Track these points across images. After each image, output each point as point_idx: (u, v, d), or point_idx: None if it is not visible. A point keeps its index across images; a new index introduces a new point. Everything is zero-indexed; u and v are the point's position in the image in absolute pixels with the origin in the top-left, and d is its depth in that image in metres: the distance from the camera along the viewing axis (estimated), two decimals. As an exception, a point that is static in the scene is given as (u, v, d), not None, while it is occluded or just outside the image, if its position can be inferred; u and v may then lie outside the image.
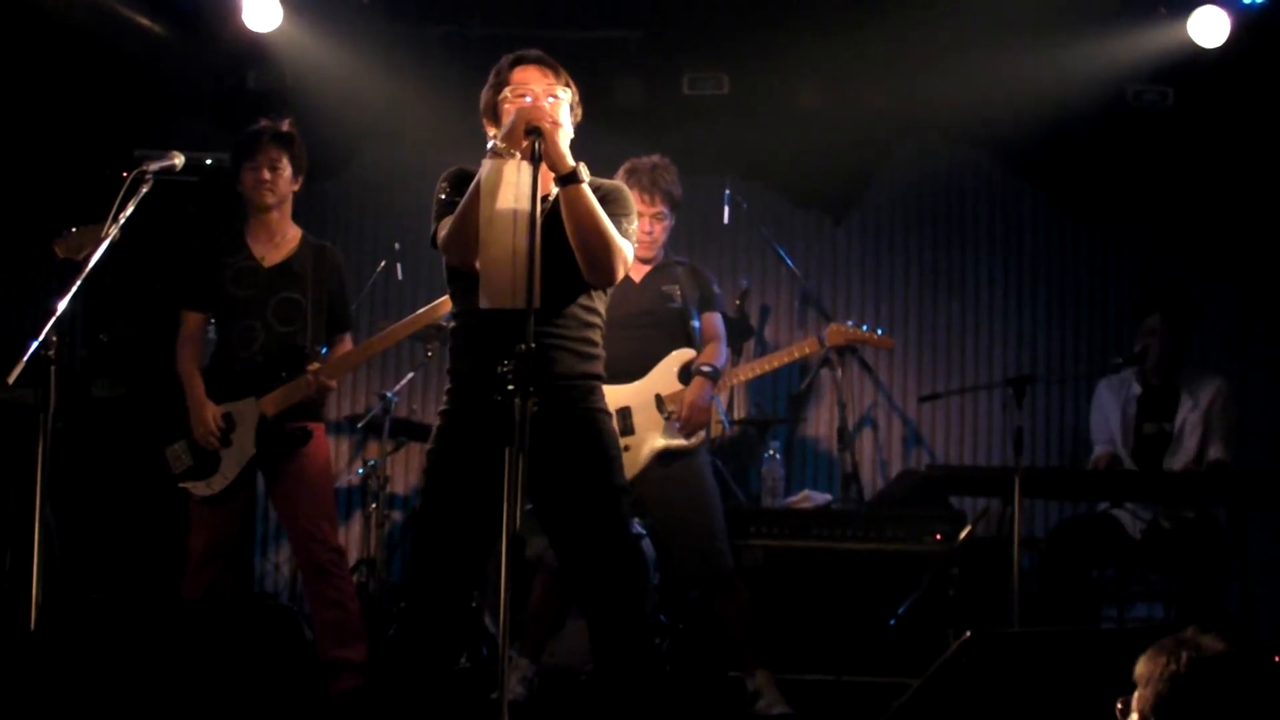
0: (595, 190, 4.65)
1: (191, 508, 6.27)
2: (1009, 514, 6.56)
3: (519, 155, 4.36)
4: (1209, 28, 7.96)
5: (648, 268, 6.54)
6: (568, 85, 4.72)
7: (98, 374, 7.86)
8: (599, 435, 4.65)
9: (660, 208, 6.53)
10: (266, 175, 6.34)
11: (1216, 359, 8.71)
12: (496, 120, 4.68)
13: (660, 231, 6.57)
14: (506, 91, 4.67)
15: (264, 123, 6.44)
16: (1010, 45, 8.23)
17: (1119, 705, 3.13)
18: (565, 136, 4.58)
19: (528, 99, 4.61)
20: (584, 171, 4.46)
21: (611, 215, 4.58)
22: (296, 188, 6.49)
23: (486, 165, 4.40)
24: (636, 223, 4.80)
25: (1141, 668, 3.10)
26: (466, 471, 4.53)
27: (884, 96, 8.84)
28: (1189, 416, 7.06)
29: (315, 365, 6.22)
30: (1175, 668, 3.02)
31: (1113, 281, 9.24)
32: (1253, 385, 8.62)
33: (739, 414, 8.95)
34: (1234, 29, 7.93)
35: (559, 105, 4.64)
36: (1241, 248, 9.05)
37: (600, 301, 4.73)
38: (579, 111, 4.79)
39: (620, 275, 4.61)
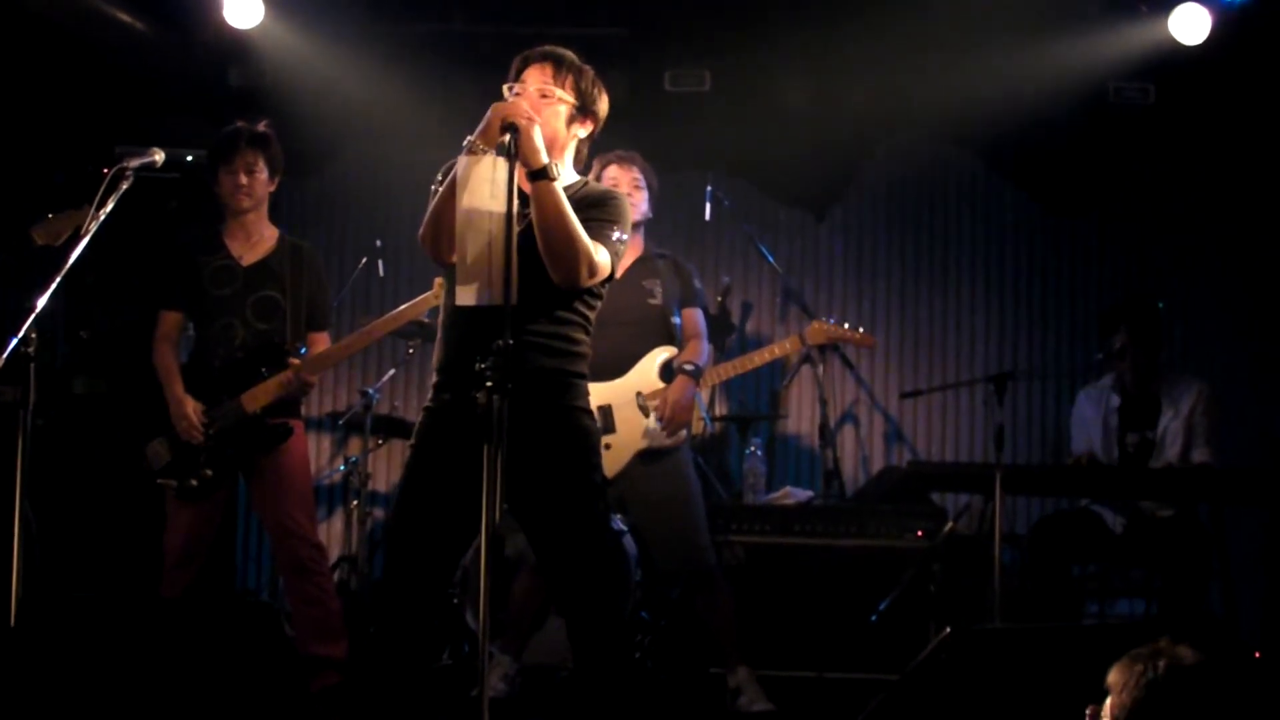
0: (587, 194, 4.65)
1: (169, 505, 6.26)
2: (990, 510, 6.57)
3: (494, 151, 4.35)
4: (1190, 25, 7.96)
5: (630, 260, 6.51)
6: (571, 85, 4.68)
7: (78, 371, 7.85)
8: (575, 432, 4.63)
9: (636, 174, 6.56)
10: (243, 180, 6.34)
11: (1197, 357, 8.74)
12: None
13: (641, 199, 6.57)
14: (504, 88, 4.67)
15: (240, 124, 6.43)
16: (991, 42, 8.24)
17: (1089, 712, 3.14)
18: (565, 135, 4.65)
19: (516, 95, 4.60)
20: (556, 169, 4.43)
21: (595, 220, 4.56)
22: (273, 188, 6.49)
23: (462, 162, 4.39)
24: (626, 235, 4.75)
25: (1114, 676, 3.10)
26: (443, 467, 4.53)
27: (866, 93, 8.84)
28: (1170, 424, 7.07)
29: (296, 361, 6.23)
30: (1147, 676, 3.03)
31: (1094, 278, 9.25)
32: (1234, 383, 8.63)
33: (720, 411, 8.95)
34: (1215, 26, 7.93)
35: (548, 104, 4.62)
36: (1223, 245, 9.06)
37: (583, 302, 4.68)
38: (596, 109, 4.76)
39: (584, 280, 4.52)
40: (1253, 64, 8.42)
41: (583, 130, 4.77)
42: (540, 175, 4.39)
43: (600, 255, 4.54)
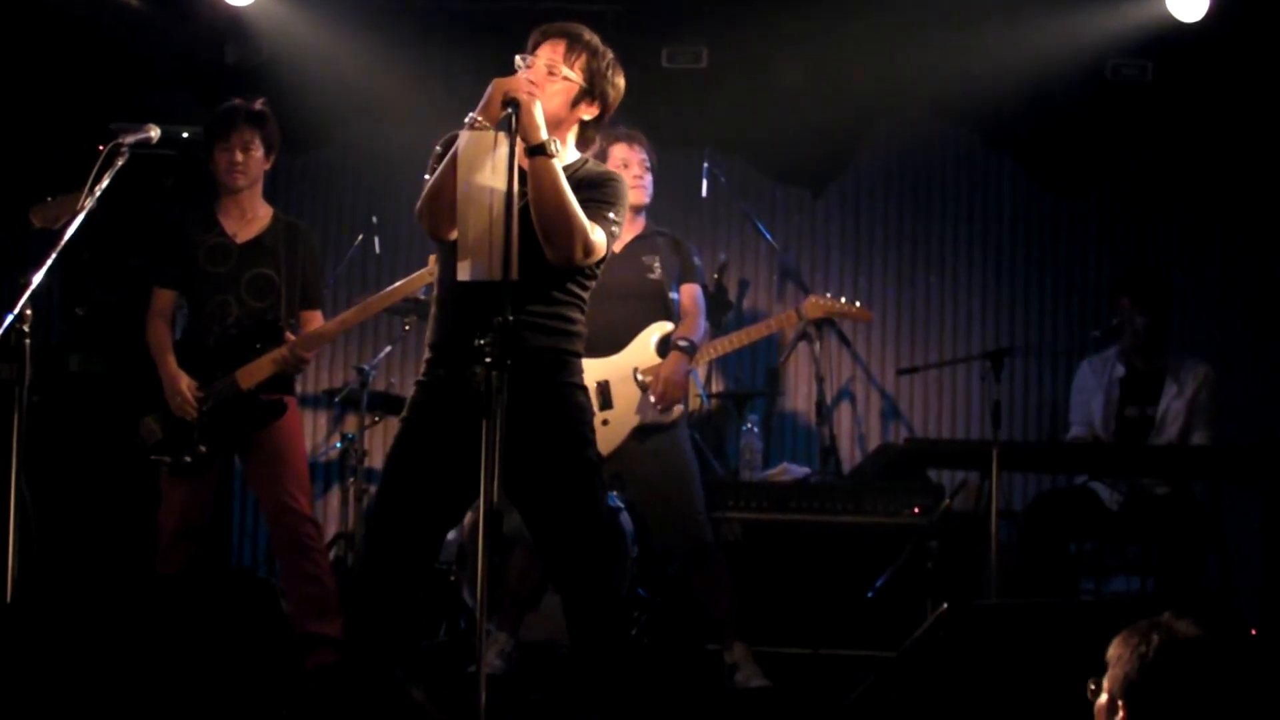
0: (587, 175, 4.63)
1: (162, 482, 6.27)
2: (987, 487, 6.59)
3: (496, 127, 4.34)
4: (1189, 2, 7.95)
5: (630, 237, 6.52)
6: (584, 64, 4.64)
7: (74, 348, 7.84)
8: (569, 408, 4.62)
9: (644, 155, 6.58)
10: (239, 157, 6.33)
11: (1195, 334, 8.73)
12: None
13: (648, 181, 6.60)
14: (517, 58, 4.64)
15: (237, 102, 6.43)
16: (990, 19, 8.23)
17: (1090, 686, 3.13)
18: (568, 115, 4.62)
19: (524, 71, 4.57)
20: (555, 146, 4.41)
21: (593, 200, 4.54)
22: (268, 166, 6.49)
23: (464, 137, 4.38)
24: (623, 217, 4.74)
25: (1114, 649, 3.10)
26: (434, 442, 4.53)
27: (863, 70, 8.83)
28: (1173, 404, 7.06)
29: (292, 337, 6.23)
30: (1145, 649, 3.02)
31: (1091, 256, 9.25)
32: (1230, 362, 8.62)
33: (717, 387, 8.95)
34: (1214, 3, 7.92)
35: (554, 80, 4.59)
36: (1220, 223, 9.06)
37: (577, 282, 4.65)
38: (606, 93, 4.73)
39: (579, 258, 4.49)
40: (1252, 42, 8.41)
41: (589, 114, 4.73)
42: (538, 151, 4.37)
43: (596, 235, 4.52)
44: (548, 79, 4.59)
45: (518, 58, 4.63)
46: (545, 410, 4.55)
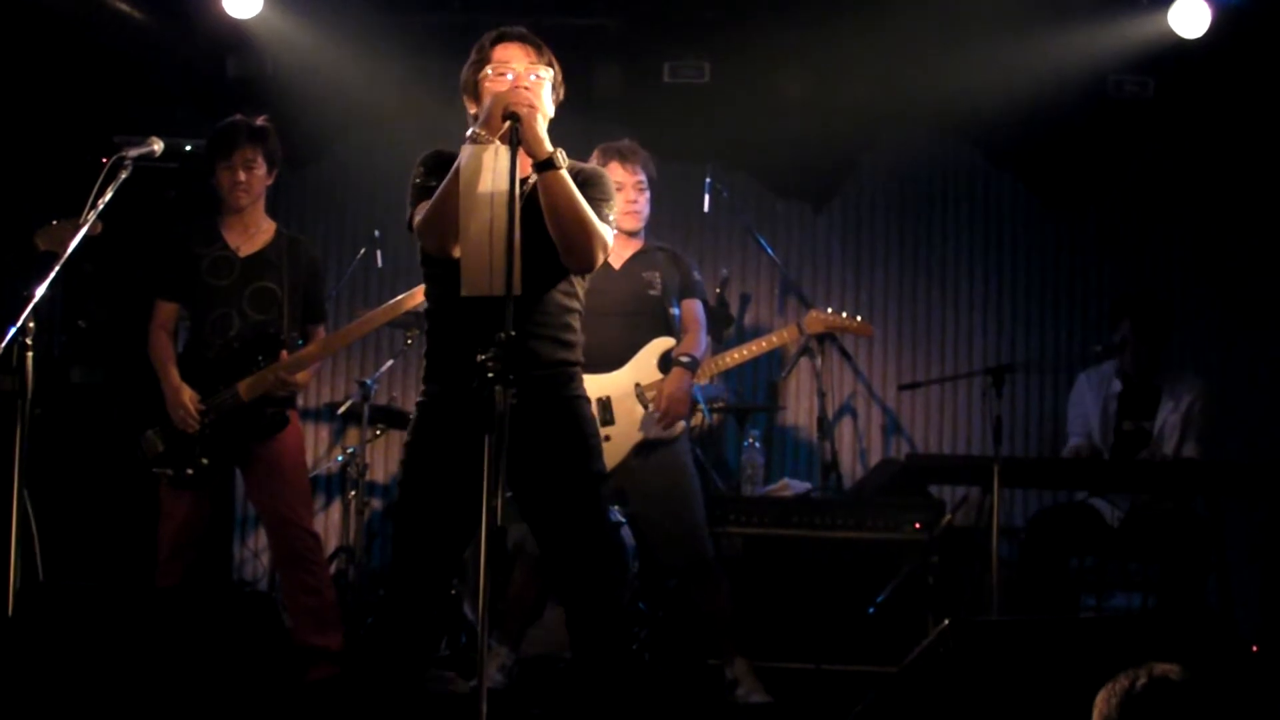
0: (574, 174, 4.63)
1: (162, 495, 6.26)
2: (988, 503, 6.57)
3: (497, 141, 4.35)
4: (1190, 18, 7.95)
5: (628, 253, 6.52)
6: (550, 64, 4.70)
7: (76, 360, 7.84)
8: (578, 422, 4.64)
9: (641, 176, 6.54)
10: (241, 176, 6.33)
11: (1195, 352, 8.73)
12: (477, 98, 4.66)
13: (644, 202, 6.57)
14: (487, 69, 4.66)
15: (238, 118, 6.42)
16: (992, 35, 8.22)
17: None
18: (544, 120, 4.57)
19: (508, 78, 4.59)
20: (561, 157, 4.43)
21: (590, 199, 4.56)
22: (270, 182, 6.49)
23: (465, 152, 4.38)
24: (617, 207, 4.80)
25: (1097, 701, 3.12)
26: (444, 461, 4.52)
27: (866, 85, 8.83)
28: (1169, 418, 7.06)
29: (286, 355, 6.23)
30: (1129, 685, 3.04)
31: (1093, 271, 9.25)
32: (1231, 377, 8.64)
33: (718, 402, 8.94)
34: (1215, 20, 7.92)
35: (540, 85, 4.62)
36: (1221, 238, 9.06)
37: (580, 287, 4.72)
38: (561, 90, 4.76)
39: (600, 260, 4.58)
40: (1253, 58, 8.41)
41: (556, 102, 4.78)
42: (547, 166, 4.39)
43: (608, 234, 4.59)
44: (536, 83, 4.61)
45: (489, 70, 4.65)
46: (554, 424, 4.57)
